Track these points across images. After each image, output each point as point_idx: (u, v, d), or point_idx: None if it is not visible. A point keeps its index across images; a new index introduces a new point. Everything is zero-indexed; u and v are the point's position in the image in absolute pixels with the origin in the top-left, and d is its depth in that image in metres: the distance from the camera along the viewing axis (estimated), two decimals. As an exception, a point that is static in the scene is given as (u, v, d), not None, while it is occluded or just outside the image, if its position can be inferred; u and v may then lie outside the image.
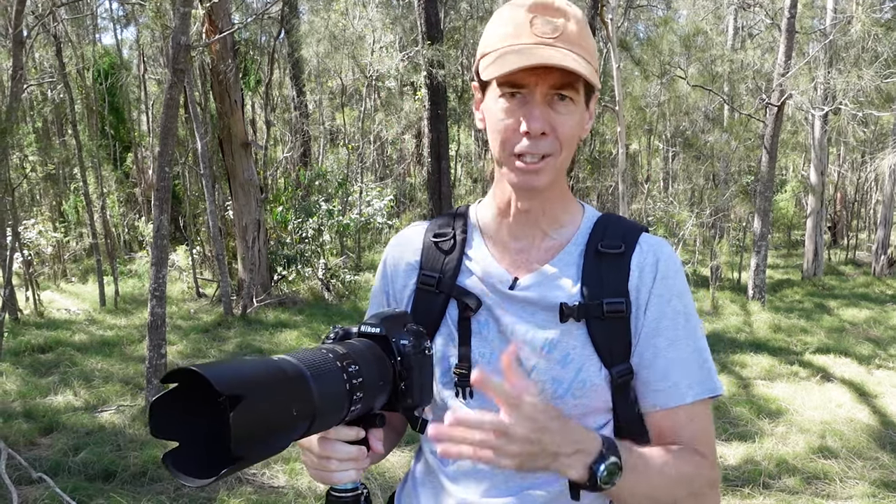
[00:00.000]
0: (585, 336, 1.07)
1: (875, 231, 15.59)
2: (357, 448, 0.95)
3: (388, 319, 1.00)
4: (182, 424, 0.80)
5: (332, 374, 0.86)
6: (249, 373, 0.78)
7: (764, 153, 10.40)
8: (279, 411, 0.79)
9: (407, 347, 0.98)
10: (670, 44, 11.88)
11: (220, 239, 9.59)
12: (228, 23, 9.05)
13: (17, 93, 6.07)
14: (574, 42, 1.04)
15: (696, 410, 1.08)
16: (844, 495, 4.27)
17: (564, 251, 1.13)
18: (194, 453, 0.81)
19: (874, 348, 7.83)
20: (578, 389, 1.07)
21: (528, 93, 1.03)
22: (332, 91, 18.36)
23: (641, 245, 1.11)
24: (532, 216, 1.14)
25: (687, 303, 1.11)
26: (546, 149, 1.04)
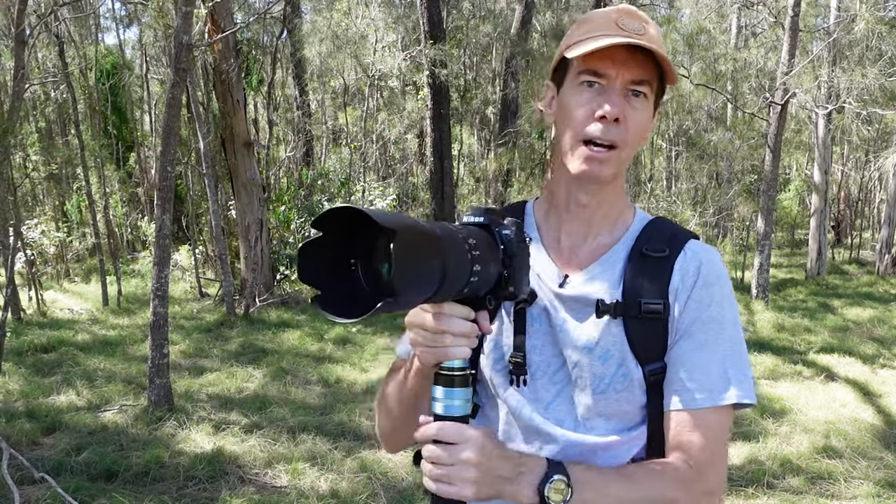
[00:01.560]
0: (622, 334, 1.11)
1: (879, 230, 15.55)
2: (471, 324, 0.97)
3: (490, 211, 1.03)
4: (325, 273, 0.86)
5: (457, 242, 0.90)
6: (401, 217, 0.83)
7: (767, 152, 10.37)
8: (425, 255, 0.84)
9: (509, 237, 1.01)
10: (673, 42, 11.85)
11: (222, 238, 9.59)
12: (231, 22, 9.05)
13: (19, 92, 6.07)
14: (656, 42, 1.09)
15: (707, 418, 1.08)
16: (849, 495, 4.25)
17: (612, 251, 1.16)
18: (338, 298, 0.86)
19: (878, 348, 7.81)
20: (620, 383, 1.11)
21: (608, 83, 1.08)
22: (334, 90, 18.36)
23: (686, 251, 1.14)
24: (587, 212, 1.17)
25: (725, 311, 1.12)
26: (616, 137, 1.08)
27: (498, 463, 0.96)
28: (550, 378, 1.15)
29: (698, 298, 1.11)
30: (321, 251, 0.86)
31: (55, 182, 14.69)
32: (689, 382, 1.09)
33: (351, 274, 0.88)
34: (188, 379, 6.47)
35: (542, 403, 1.15)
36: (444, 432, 0.95)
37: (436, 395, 0.98)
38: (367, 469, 4.45)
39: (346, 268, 0.88)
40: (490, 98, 18.58)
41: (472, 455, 0.93)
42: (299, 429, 5.12)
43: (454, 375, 0.97)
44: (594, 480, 1.01)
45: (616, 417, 1.13)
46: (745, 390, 1.09)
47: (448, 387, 0.97)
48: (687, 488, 1.06)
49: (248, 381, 6.48)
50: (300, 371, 6.77)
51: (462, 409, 0.98)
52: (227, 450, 4.71)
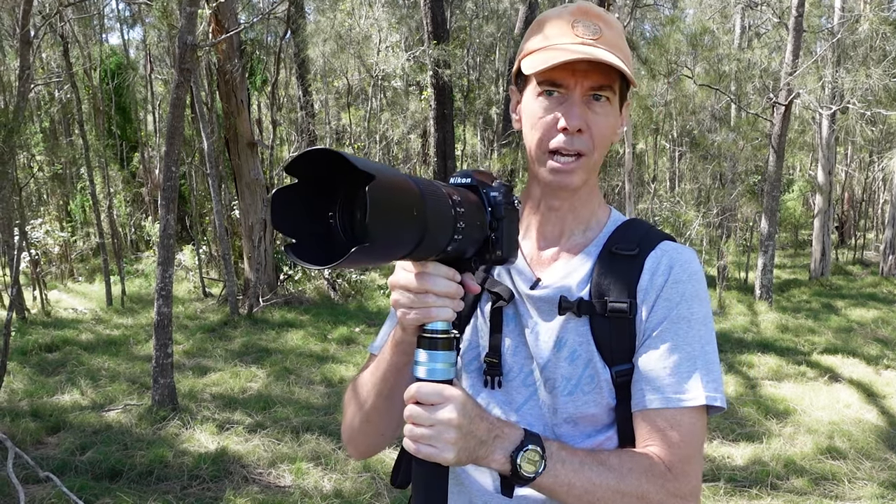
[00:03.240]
0: (588, 333, 1.09)
1: (883, 231, 15.51)
2: (455, 285, 0.95)
3: (478, 173, 1.01)
4: (299, 221, 0.84)
5: (441, 198, 0.88)
6: (379, 164, 0.81)
7: (771, 152, 10.36)
8: (403, 202, 0.81)
9: (497, 198, 0.99)
10: (677, 43, 11.83)
11: (226, 238, 9.60)
12: (235, 22, 9.06)
13: (24, 92, 6.08)
14: (613, 45, 1.08)
15: (680, 419, 1.04)
16: (853, 496, 4.25)
17: (584, 252, 1.15)
18: (312, 246, 0.84)
19: (882, 349, 7.80)
20: (587, 384, 1.09)
21: (567, 91, 1.07)
22: (338, 91, 18.37)
23: (658, 250, 1.12)
24: (560, 214, 1.17)
25: (695, 310, 1.08)
26: (581, 146, 1.08)
27: (477, 424, 0.94)
28: (523, 381, 1.13)
29: (667, 297, 1.08)
30: (296, 198, 0.84)
31: (59, 182, 14.72)
32: (658, 382, 1.05)
33: (328, 223, 0.86)
34: (192, 378, 6.48)
35: (513, 406, 1.14)
36: (423, 392, 0.92)
37: (418, 358, 0.95)
38: (370, 469, 4.45)
39: (322, 217, 0.86)
40: (493, 98, 18.59)
41: (453, 416, 0.91)
42: (303, 428, 5.12)
43: (437, 338, 0.94)
44: (569, 459, 1.00)
45: (584, 422, 1.10)
46: (715, 392, 1.06)
47: (431, 349, 0.94)
48: (659, 484, 1.02)
49: (251, 380, 6.49)
50: (303, 371, 6.78)
51: (445, 372, 0.95)
52: (230, 449, 4.72)
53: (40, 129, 14.74)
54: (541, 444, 0.98)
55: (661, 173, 18.79)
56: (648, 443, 1.06)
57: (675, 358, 1.06)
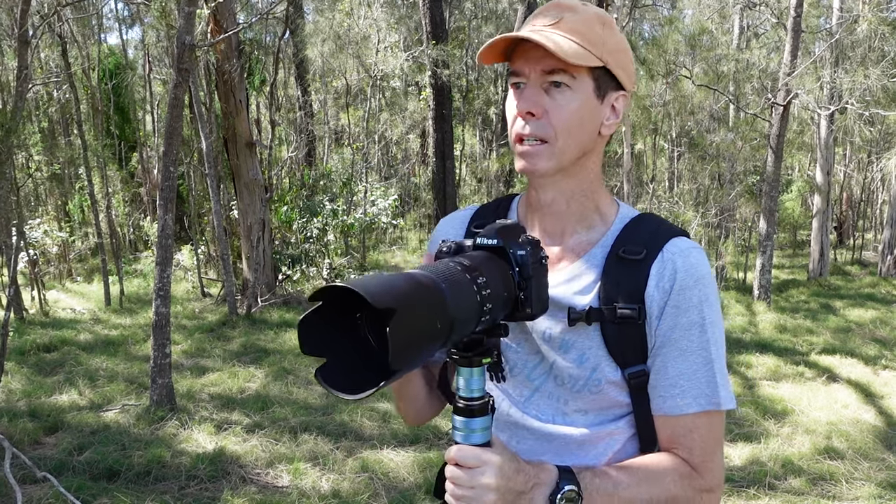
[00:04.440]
0: (599, 338, 1.10)
1: (881, 231, 15.52)
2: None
3: (504, 230, 1.00)
4: (327, 341, 0.84)
5: (464, 286, 0.87)
6: (397, 286, 0.79)
7: (770, 153, 10.36)
8: (426, 323, 0.81)
9: (525, 257, 0.98)
10: (675, 43, 11.83)
11: (224, 239, 9.59)
12: (233, 22, 9.06)
13: (22, 92, 6.07)
14: (572, 29, 1.05)
15: (699, 422, 1.09)
16: (850, 496, 4.25)
17: (590, 253, 1.14)
18: (342, 369, 0.84)
19: (880, 349, 7.80)
20: (595, 387, 1.11)
21: (527, 80, 1.08)
22: (336, 91, 18.36)
23: (664, 252, 1.11)
24: (556, 210, 1.16)
25: (706, 314, 1.09)
26: (538, 130, 1.07)
27: (515, 480, 0.96)
28: (528, 375, 1.16)
29: (676, 304, 1.08)
30: (322, 321, 0.83)
31: (58, 182, 14.70)
32: (676, 389, 1.09)
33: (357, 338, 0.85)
34: (190, 379, 6.47)
35: (521, 398, 1.17)
36: (463, 456, 0.95)
37: (456, 424, 0.97)
38: (368, 469, 4.45)
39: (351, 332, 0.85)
40: (492, 98, 18.60)
41: (491, 480, 0.93)
42: (301, 429, 5.12)
43: (474, 405, 0.96)
44: (602, 486, 1.02)
45: (593, 412, 1.13)
46: (729, 395, 1.11)
47: (467, 417, 0.96)
48: (686, 484, 1.07)
49: (249, 380, 6.48)
50: (302, 371, 6.78)
51: (482, 437, 0.96)
52: (228, 449, 4.72)
53: (38, 128, 14.72)
54: (576, 481, 1.00)
55: (659, 173, 18.78)
56: (671, 445, 1.10)
57: (690, 364, 1.09)
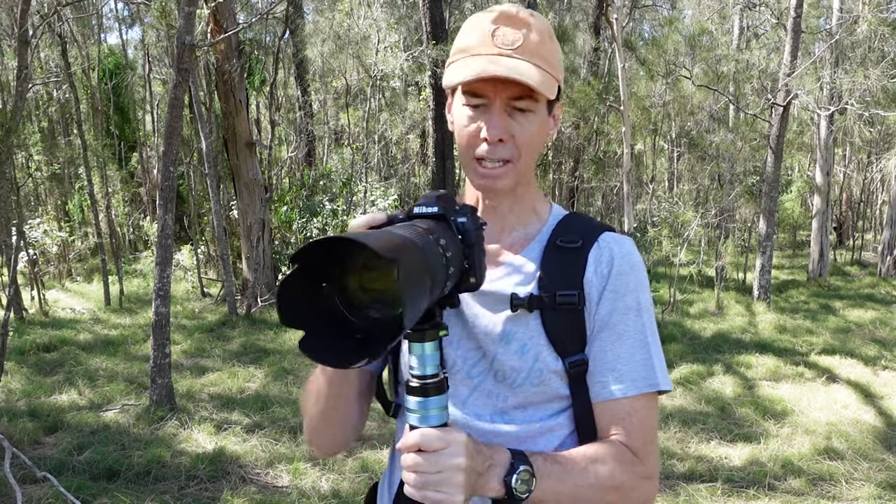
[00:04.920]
0: (539, 327, 1.11)
1: (881, 231, 15.53)
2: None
3: (441, 199, 0.99)
4: (308, 311, 0.82)
5: (433, 248, 0.86)
6: (394, 239, 0.79)
7: (769, 153, 10.37)
8: (421, 277, 0.80)
9: (467, 224, 0.98)
10: (675, 44, 11.83)
11: (224, 238, 9.59)
12: (233, 22, 9.06)
13: (22, 92, 6.07)
14: (534, 53, 1.07)
15: (637, 405, 1.11)
16: (850, 497, 4.25)
17: (528, 247, 1.17)
18: (324, 340, 0.82)
19: (880, 349, 7.80)
20: (536, 377, 1.11)
21: (489, 102, 1.08)
22: (336, 91, 18.35)
23: (600, 242, 1.15)
24: (500, 212, 1.18)
25: (640, 299, 1.14)
26: (505, 154, 1.10)
27: (476, 460, 0.94)
28: (468, 373, 1.15)
29: (613, 288, 1.12)
30: (298, 288, 0.81)
31: (57, 182, 14.70)
32: (614, 373, 1.11)
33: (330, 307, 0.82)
34: (190, 379, 6.47)
35: (459, 398, 1.15)
36: (427, 439, 0.91)
37: (409, 406, 0.93)
38: (368, 469, 4.45)
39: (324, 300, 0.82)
40: (492, 99, 18.54)
41: (461, 459, 0.91)
42: (300, 429, 5.12)
43: (428, 384, 0.92)
44: (554, 470, 1.02)
45: (533, 407, 1.13)
46: (666, 377, 1.14)
47: (422, 397, 0.92)
48: (629, 470, 1.09)
49: (249, 380, 6.48)
50: (301, 371, 6.78)
51: (438, 417, 0.93)
52: (228, 449, 4.72)
53: (38, 128, 14.72)
54: (529, 462, 0.99)
55: (659, 174, 18.80)
56: (612, 431, 1.11)
57: (628, 347, 1.12)
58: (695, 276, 11.83)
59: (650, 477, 1.12)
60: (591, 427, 1.14)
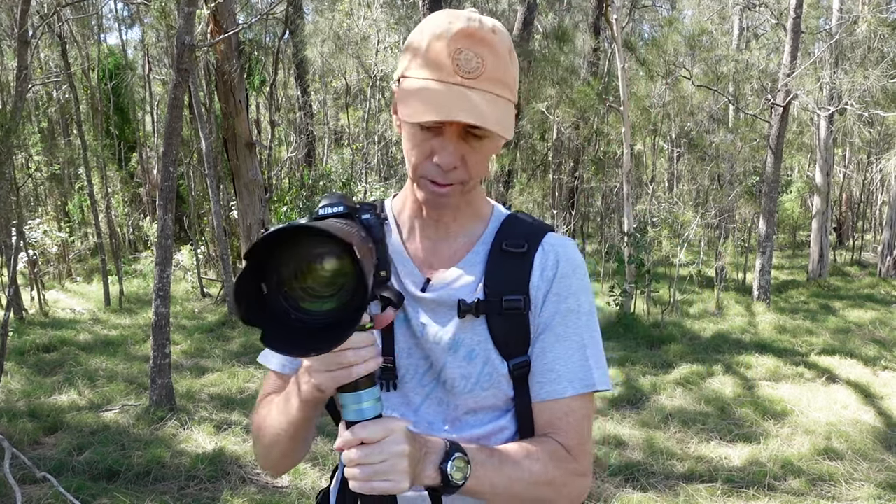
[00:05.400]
0: (486, 332, 1.12)
1: (881, 232, 15.53)
2: (369, 334, 0.93)
3: (343, 198, 0.99)
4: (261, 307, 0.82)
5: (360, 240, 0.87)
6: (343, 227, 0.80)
7: (769, 154, 10.37)
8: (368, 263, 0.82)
9: (370, 220, 1.00)
10: (675, 44, 11.83)
11: (224, 239, 9.60)
12: (233, 23, 9.06)
13: (22, 92, 6.07)
14: (494, 79, 1.04)
15: (574, 405, 1.13)
16: (850, 497, 4.25)
17: (472, 251, 1.17)
18: (283, 335, 0.81)
19: (880, 349, 7.80)
20: (486, 381, 1.12)
21: (442, 126, 1.04)
22: (336, 91, 18.36)
23: (544, 245, 1.16)
24: (443, 221, 1.18)
25: (582, 301, 1.15)
26: (455, 178, 1.07)
27: (414, 447, 0.94)
28: (419, 381, 1.15)
29: (556, 291, 1.13)
30: (251, 286, 0.80)
31: (57, 182, 14.70)
32: (553, 374, 1.12)
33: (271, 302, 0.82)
34: (190, 379, 6.47)
35: (412, 407, 1.15)
36: (370, 431, 0.91)
37: (344, 402, 0.92)
38: (368, 469, 4.45)
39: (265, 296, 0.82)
40: (492, 99, 18.54)
41: (403, 446, 0.91)
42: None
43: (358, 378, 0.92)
44: (488, 460, 1.03)
45: (484, 411, 1.14)
46: (604, 377, 1.15)
47: (354, 391, 0.92)
48: (563, 467, 1.10)
49: (249, 381, 6.48)
50: (301, 371, 6.77)
51: (373, 409, 0.93)
52: (228, 450, 4.72)
53: (38, 129, 14.72)
54: (463, 451, 1.00)
55: (659, 174, 18.79)
56: (548, 429, 1.13)
57: (567, 349, 1.13)
58: (695, 277, 11.84)
59: (583, 474, 1.13)
60: (531, 426, 1.15)
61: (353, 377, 0.91)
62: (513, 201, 12.41)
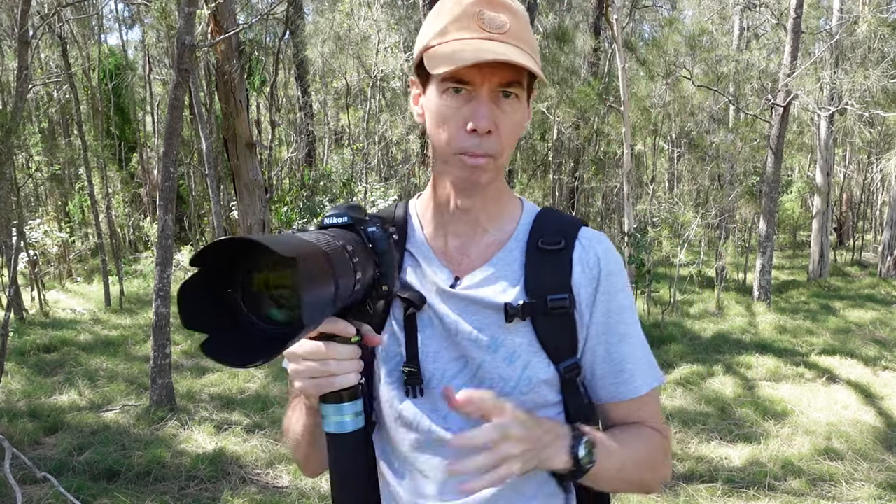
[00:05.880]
0: (531, 333, 1.08)
1: (881, 232, 15.53)
2: (353, 347, 0.92)
3: (351, 209, 0.98)
4: (209, 313, 0.81)
5: (339, 251, 0.86)
6: (294, 240, 0.78)
7: (769, 154, 10.37)
8: (324, 278, 0.79)
9: (376, 233, 0.97)
10: (675, 44, 11.83)
11: (224, 239, 9.59)
12: (233, 23, 9.06)
13: (22, 93, 6.08)
14: (520, 38, 1.03)
15: (646, 398, 1.13)
16: (850, 497, 4.25)
17: (505, 248, 1.13)
18: (228, 343, 0.81)
19: (880, 350, 7.80)
20: (526, 386, 1.08)
21: (474, 89, 1.01)
22: (336, 91, 18.35)
23: (581, 241, 1.12)
24: (472, 214, 1.13)
25: (629, 296, 1.15)
26: (490, 148, 1.03)
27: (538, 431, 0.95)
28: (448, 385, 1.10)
29: (606, 289, 1.11)
30: (201, 291, 0.80)
31: (58, 182, 14.71)
32: (625, 373, 1.11)
33: (235, 311, 0.82)
34: (190, 379, 6.47)
35: (440, 413, 1.10)
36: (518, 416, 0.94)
37: (326, 412, 0.93)
38: (368, 469, 4.45)
39: (229, 304, 0.82)
40: (492, 99, 18.56)
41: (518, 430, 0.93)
42: (301, 429, 5.11)
43: (342, 391, 0.92)
44: (604, 442, 1.03)
45: None
46: (659, 369, 1.17)
47: (337, 403, 0.92)
48: (661, 450, 1.12)
49: (249, 381, 6.48)
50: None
51: (355, 423, 0.93)
52: (228, 450, 4.72)
53: (39, 129, 14.73)
54: (587, 434, 1.00)
55: (659, 174, 18.79)
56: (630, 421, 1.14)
57: (633, 347, 1.12)
58: (695, 277, 11.83)
59: (668, 454, 1.14)
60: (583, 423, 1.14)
61: (334, 387, 0.91)
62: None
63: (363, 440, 0.96)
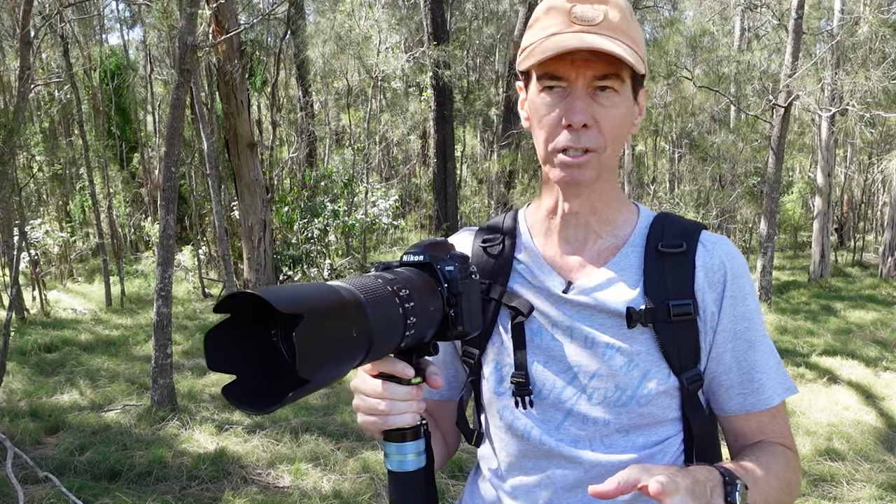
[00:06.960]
0: (651, 341, 1.03)
1: (882, 233, 15.53)
2: (412, 388, 0.89)
3: (431, 247, 0.96)
4: (237, 357, 0.80)
5: (385, 299, 0.84)
6: (308, 294, 0.77)
7: (770, 154, 10.37)
8: (339, 331, 0.78)
9: (453, 273, 0.94)
10: (676, 45, 11.84)
11: (225, 239, 9.60)
12: (235, 23, 9.06)
13: (24, 93, 6.09)
14: (617, 29, 0.99)
15: (778, 409, 1.09)
16: (851, 498, 4.25)
17: (621, 253, 1.08)
18: (252, 385, 0.81)
19: (881, 350, 7.80)
20: (644, 398, 1.03)
21: (569, 85, 0.99)
22: (337, 92, 18.37)
23: (704, 244, 1.07)
24: (582, 217, 1.09)
25: (756, 300, 1.09)
26: (589, 142, 1.00)
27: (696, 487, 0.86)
28: (558, 396, 1.06)
29: (732, 294, 1.05)
30: (231, 334, 0.80)
31: (59, 182, 14.72)
32: (754, 383, 1.06)
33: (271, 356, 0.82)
34: (191, 379, 6.48)
35: (552, 424, 1.06)
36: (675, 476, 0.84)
37: (388, 450, 0.93)
38: (369, 470, 4.45)
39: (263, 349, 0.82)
40: (493, 99, 18.59)
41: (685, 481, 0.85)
42: (302, 429, 5.13)
43: (405, 430, 0.92)
44: (751, 478, 0.97)
45: (636, 432, 1.05)
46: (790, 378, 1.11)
47: (399, 442, 0.92)
48: (793, 466, 1.07)
49: (250, 381, 6.48)
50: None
51: (416, 462, 0.92)
52: (229, 450, 4.72)
53: (40, 129, 14.74)
54: (736, 475, 0.92)
55: (660, 175, 18.80)
56: (759, 436, 1.09)
57: (763, 355, 1.07)
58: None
59: (800, 472, 1.10)
60: (706, 440, 1.08)
61: (387, 426, 0.90)
62: (514, 202, 12.41)
63: (424, 479, 0.94)
